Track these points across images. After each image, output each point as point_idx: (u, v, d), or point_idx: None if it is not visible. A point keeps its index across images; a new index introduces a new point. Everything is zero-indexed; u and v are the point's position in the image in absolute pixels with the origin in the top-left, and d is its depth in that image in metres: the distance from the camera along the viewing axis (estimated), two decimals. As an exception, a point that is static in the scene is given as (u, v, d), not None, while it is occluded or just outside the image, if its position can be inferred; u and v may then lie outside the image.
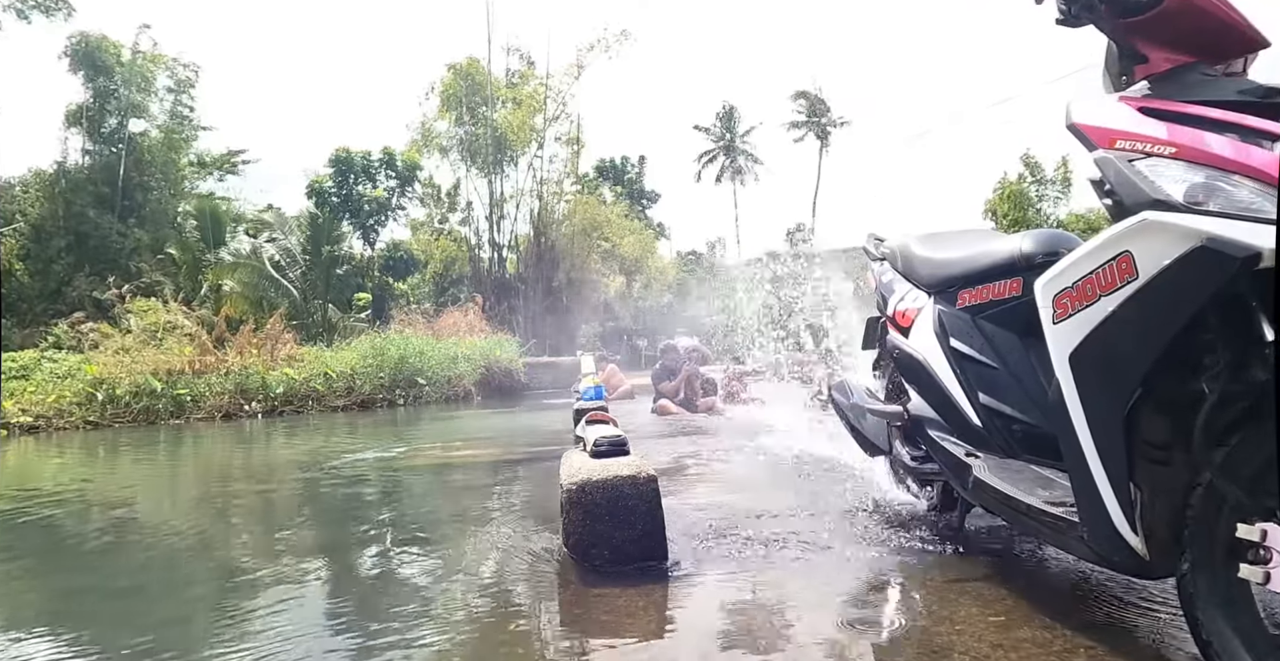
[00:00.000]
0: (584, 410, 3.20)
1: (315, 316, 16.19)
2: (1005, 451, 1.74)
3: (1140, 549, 1.16)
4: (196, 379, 9.65)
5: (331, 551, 2.45)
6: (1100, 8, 1.25)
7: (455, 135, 19.03)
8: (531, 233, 19.21)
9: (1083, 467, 1.20)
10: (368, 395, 10.48)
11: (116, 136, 16.83)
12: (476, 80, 18.36)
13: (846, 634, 1.45)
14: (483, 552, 2.23)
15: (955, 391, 1.88)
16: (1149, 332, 1.08)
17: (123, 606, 1.97)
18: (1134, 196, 1.11)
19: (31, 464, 5.82)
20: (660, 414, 6.64)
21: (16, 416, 8.46)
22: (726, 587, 1.77)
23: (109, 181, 16.32)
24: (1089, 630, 1.37)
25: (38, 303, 15.08)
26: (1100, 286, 1.14)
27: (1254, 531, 0.94)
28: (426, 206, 22.62)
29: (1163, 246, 1.03)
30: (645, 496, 1.91)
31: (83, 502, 3.72)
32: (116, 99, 16.68)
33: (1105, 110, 1.25)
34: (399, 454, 4.99)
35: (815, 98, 37.06)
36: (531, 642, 1.51)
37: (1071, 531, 1.30)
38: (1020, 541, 2.04)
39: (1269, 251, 0.91)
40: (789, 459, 3.60)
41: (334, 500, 3.49)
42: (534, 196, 19.34)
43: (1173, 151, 1.09)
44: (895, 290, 2.35)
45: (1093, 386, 1.19)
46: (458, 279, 20.84)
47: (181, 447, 6.44)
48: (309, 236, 17.28)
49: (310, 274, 16.72)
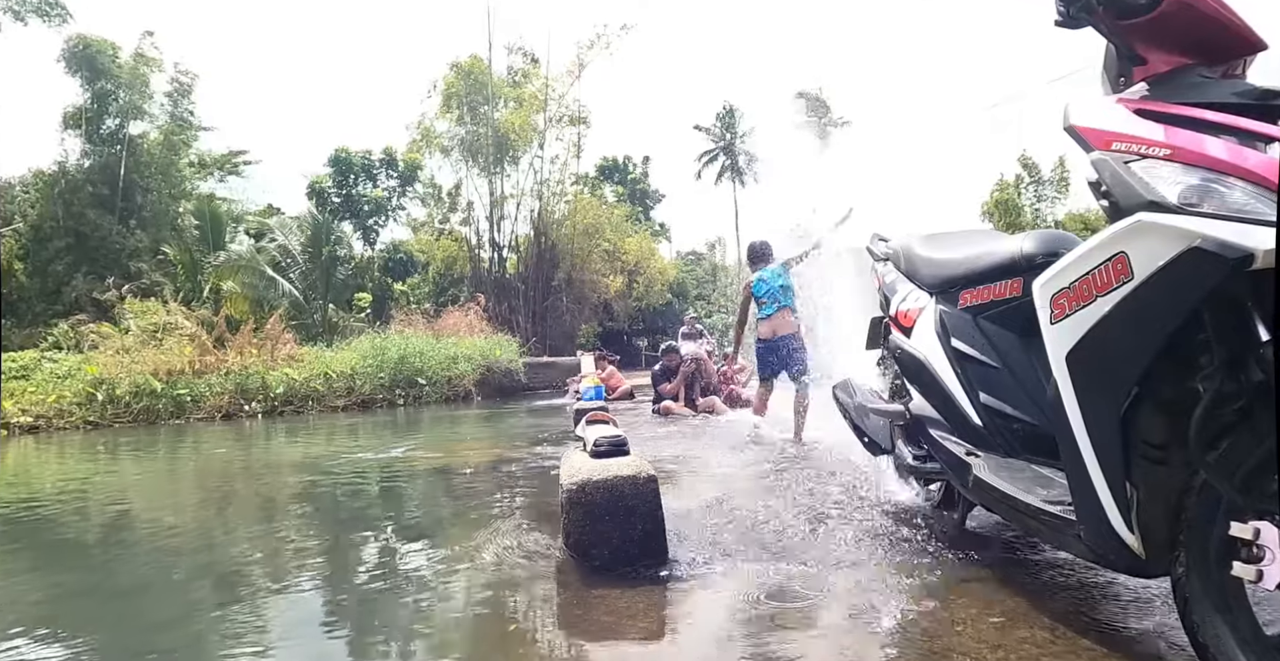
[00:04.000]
0: (584, 410, 3.20)
1: (315, 316, 16.19)
2: (1005, 450, 1.74)
3: (1137, 547, 1.17)
4: (196, 379, 9.65)
5: (332, 551, 2.46)
6: (1099, 9, 1.26)
7: (456, 135, 19.01)
8: (532, 233, 19.21)
9: (1079, 467, 1.21)
10: (368, 395, 10.49)
11: (116, 138, 16.82)
12: (479, 79, 18.34)
13: (847, 634, 1.45)
14: (483, 552, 2.23)
15: (956, 391, 1.89)
16: (1144, 333, 1.09)
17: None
18: (1129, 198, 1.12)
19: (38, 463, 5.82)
20: (663, 414, 6.62)
21: (16, 416, 8.46)
22: (725, 587, 1.77)
23: (108, 182, 16.30)
24: (1089, 630, 1.37)
25: (38, 303, 15.07)
26: (1096, 287, 1.15)
27: (1247, 530, 0.95)
28: (427, 206, 22.63)
29: (1157, 247, 1.04)
30: (645, 496, 1.91)
31: (91, 502, 3.72)
32: (115, 101, 16.67)
33: (1102, 112, 1.25)
34: (399, 454, 5.00)
35: (816, 98, 37.04)
36: (532, 642, 1.51)
37: (1069, 530, 1.31)
38: (1020, 541, 2.04)
39: (1262, 253, 0.92)
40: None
41: (334, 500, 3.49)
42: (534, 196, 19.34)
43: (1168, 153, 1.10)
44: (898, 290, 2.35)
45: (1089, 386, 1.20)
46: (458, 279, 20.85)
47: (181, 449, 6.44)
48: (309, 237, 17.28)
49: (310, 274, 16.72)
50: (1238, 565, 0.96)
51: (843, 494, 2.68)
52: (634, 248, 22.38)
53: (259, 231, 19.05)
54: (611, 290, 21.03)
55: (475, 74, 18.39)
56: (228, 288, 14.58)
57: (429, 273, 22.31)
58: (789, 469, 3.35)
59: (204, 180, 20.15)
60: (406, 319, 14.63)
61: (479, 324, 14.49)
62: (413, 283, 23.43)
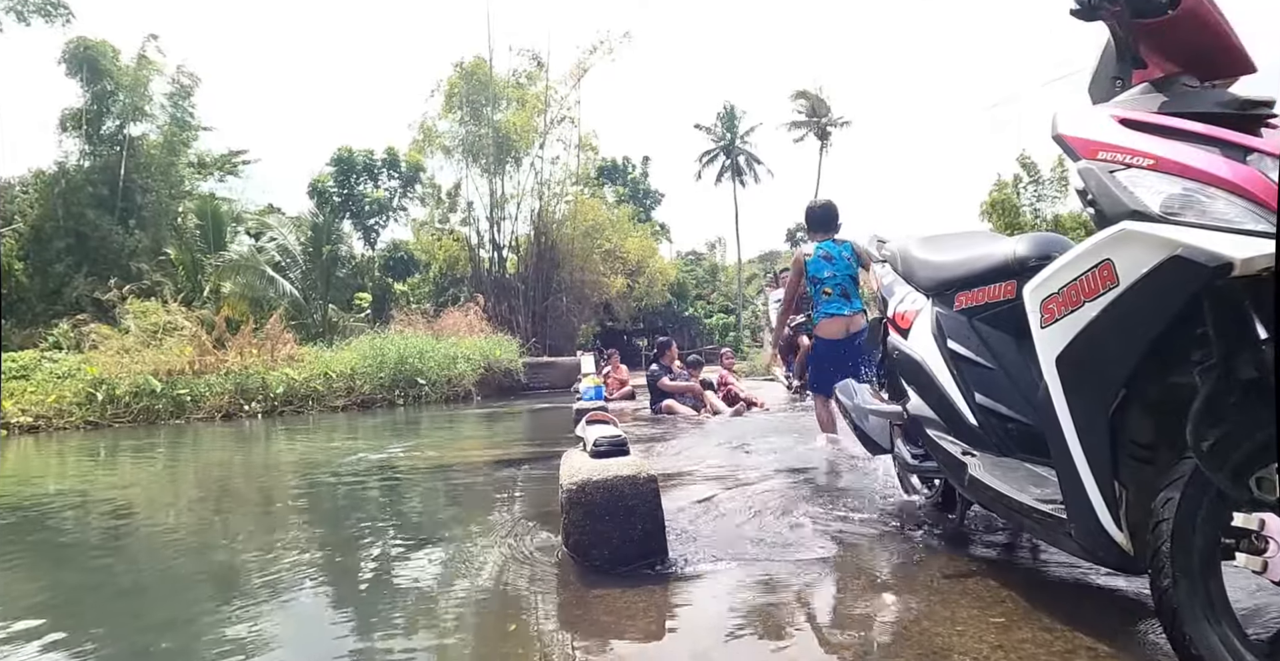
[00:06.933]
0: (584, 410, 3.21)
1: (315, 316, 16.20)
2: (1000, 450, 1.76)
3: (1125, 545, 1.20)
4: (196, 379, 9.67)
5: (331, 551, 2.47)
6: (1119, 3, 1.26)
7: (458, 135, 19.02)
8: (532, 233, 19.22)
9: (1069, 466, 1.24)
10: (368, 395, 10.51)
11: (116, 138, 16.82)
12: (481, 80, 18.34)
13: (847, 633, 1.46)
14: (483, 552, 2.25)
15: (952, 391, 1.91)
16: (1130, 336, 1.12)
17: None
18: (1114, 207, 1.15)
19: (39, 463, 5.83)
20: (666, 413, 6.60)
21: (16, 416, 8.48)
22: (726, 587, 1.78)
23: (108, 183, 16.31)
24: (1089, 630, 1.38)
25: (38, 303, 15.08)
26: (1084, 293, 1.18)
27: (1252, 520, 0.96)
28: (428, 206, 22.64)
29: (1140, 255, 1.07)
30: (645, 496, 1.92)
31: (91, 502, 3.73)
32: (116, 102, 16.67)
33: (1089, 122, 1.28)
34: (399, 454, 5.01)
35: (816, 97, 37.03)
36: (531, 643, 1.53)
37: (1060, 528, 1.34)
38: (1020, 540, 2.05)
39: (1240, 261, 0.95)
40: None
41: (334, 500, 3.51)
42: (535, 197, 19.36)
43: (1151, 163, 1.12)
44: (895, 292, 2.38)
45: (1078, 388, 1.23)
46: (458, 279, 20.86)
47: (181, 449, 6.45)
48: (310, 237, 17.30)
49: (310, 274, 16.74)
50: (1242, 556, 0.98)
51: (841, 495, 2.69)
52: (634, 248, 22.41)
53: (259, 231, 19.04)
54: (612, 290, 21.05)
55: (478, 75, 18.41)
56: (228, 288, 14.59)
57: (429, 272, 22.33)
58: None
59: (203, 180, 20.15)
60: (406, 319, 14.65)
61: (479, 324, 14.52)
62: (413, 283, 23.45)
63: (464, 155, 19.11)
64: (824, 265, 3.80)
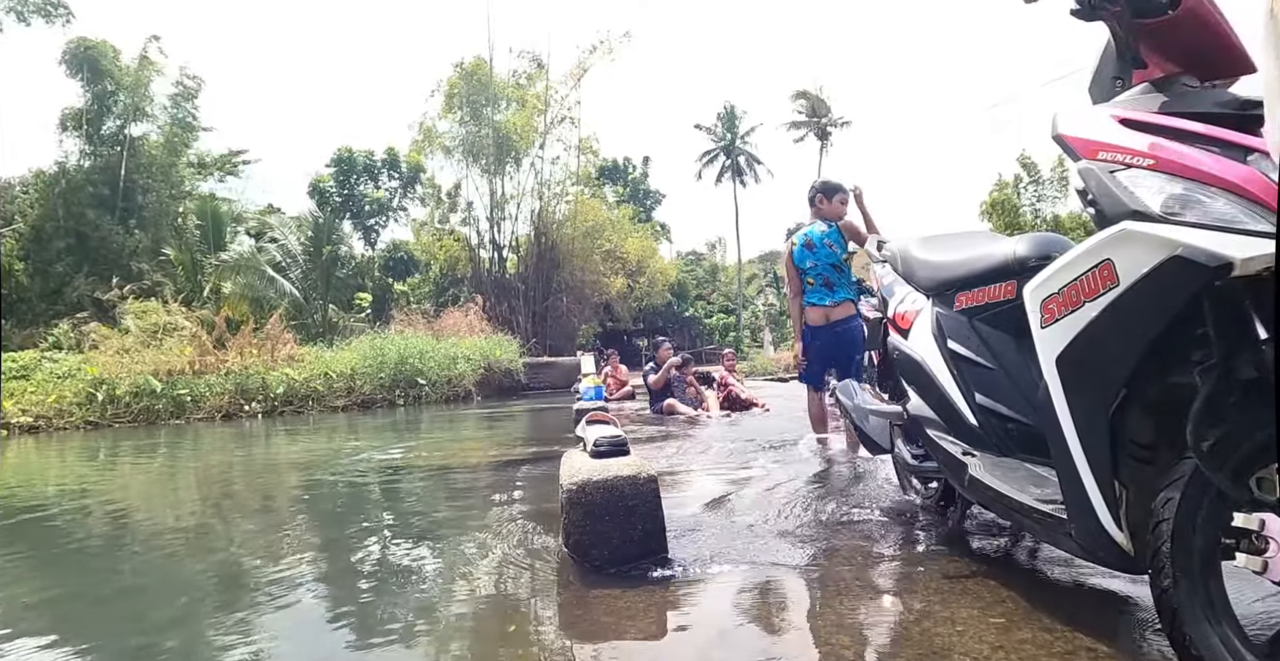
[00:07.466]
0: (584, 410, 3.21)
1: (316, 317, 16.21)
2: (1000, 450, 1.76)
3: (1126, 544, 1.19)
4: (196, 379, 9.68)
5: (331, 550, 2.47)
6: (1120, 3, 1.26)
7: (458, 135, 19.03)
8: (532, 233, 19.22)
9: (1069, 466, 1.24)
10: (368, 395, 10.51)
11: (116, 139, 16.83)
12: (481, 80, 18.35)
13: (847, 634, 1.46)
14: (483, 552, 2.25)
15: (952, 391, 1.91)
16: (1130, 336, 1.12)
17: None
18: (1114, 207, 1.15)
19: (39, 463, 5.83)
20: (667, 413, 6.62)
21: (16, 416, 8.49)
22: (726, 587, 1.78)
23: (109, 183, 16.33)
24: (1089, 630, 1.38)
25: (38, 303, 15.09)
26: (1084, 293, 1.18)
27: (1252, 520, 0.96)
28: (428, 206, 22.66)
29: (1140, 255, 1.07)
30: (645, 496, 1.92)
31: (91, 501, 3.73)
32: (116, 103, 16.69)
33: (1089, 122, 1.28)
34: (399, 454, 5.01)
35: (816, 98, 37.04)
36: (531, 643, 1.53)
37: (1060, 528, 1.34)
38: (1021, 540, 2.05)
39: (1240, 261, 0.95)
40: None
41: (334, 500, 3.51)
42: (535, 197, 19.37)
43: (1152, 164, 1.12)
44: (895, 292, 2.38)
45: (1078, 388, 1.23)
46: (458, 279, 20.87)
47: (181, 449, 6.45)
48: (310, 237, 17.30)
49: (310, 274, 16.74)
50: (1242, 556, 0.98)
51: (840, 496, 2.69)
52: (635, 248, 22.42)
53: (259, 231, 19.06)
54: (612, 290, 21.06)
55: (478, 75, 18.42)
56: (228, 288, 14.60)
57: (429, 273, 22.35)
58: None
59: (204, 180, 20.17)
60: (407, 319, 14.67)
61: (479, 324, 14.54)
62: (413, 283, 23.47)
63: (464, 155, 19.12)
64: (806, 255, 3.81)
